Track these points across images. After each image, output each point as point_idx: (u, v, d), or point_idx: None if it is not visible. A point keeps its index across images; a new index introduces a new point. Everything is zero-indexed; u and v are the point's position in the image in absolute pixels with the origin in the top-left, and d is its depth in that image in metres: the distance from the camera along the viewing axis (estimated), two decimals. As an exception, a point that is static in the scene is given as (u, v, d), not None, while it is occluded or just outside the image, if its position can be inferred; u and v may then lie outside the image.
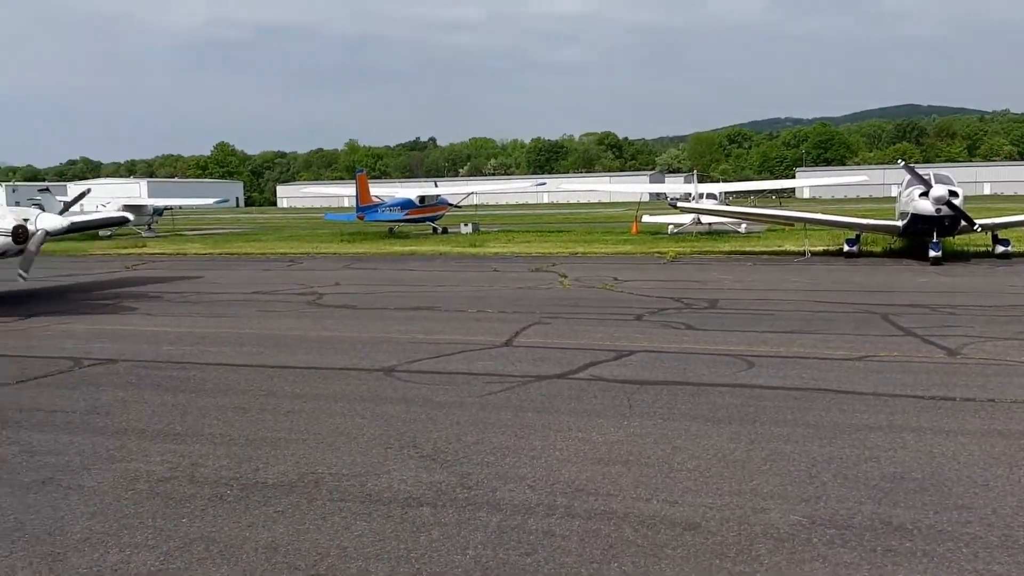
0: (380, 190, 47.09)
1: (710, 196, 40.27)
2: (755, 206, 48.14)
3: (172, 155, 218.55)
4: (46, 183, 74.57)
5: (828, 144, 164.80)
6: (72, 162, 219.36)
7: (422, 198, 43.31)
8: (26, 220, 16.32)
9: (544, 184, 72.70)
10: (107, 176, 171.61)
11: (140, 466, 6.89)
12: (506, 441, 7.32)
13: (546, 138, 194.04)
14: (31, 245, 16.41)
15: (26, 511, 5.94)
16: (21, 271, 16.88)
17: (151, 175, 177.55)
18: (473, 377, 9.89)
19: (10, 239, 15.18)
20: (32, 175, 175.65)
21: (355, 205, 42.19)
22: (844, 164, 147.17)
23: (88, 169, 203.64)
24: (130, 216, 23.19)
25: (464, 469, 6.62)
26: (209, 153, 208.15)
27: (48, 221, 16.62)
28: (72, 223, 20.78)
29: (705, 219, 34.50)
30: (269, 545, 5.29)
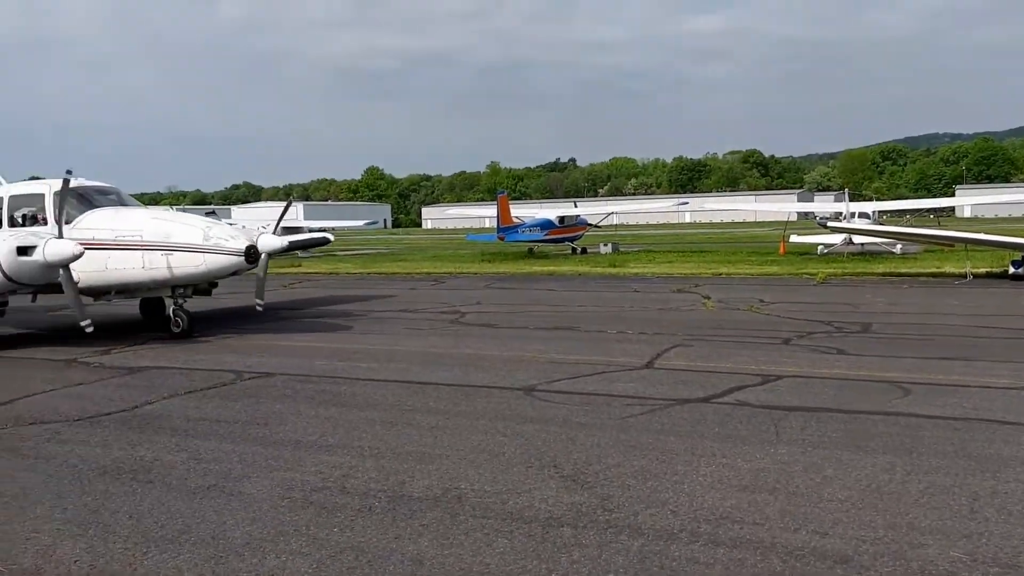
0: (520, 211, 47.78)
1: (862, 215, 38.76)
2: (911, 226, 45.84)
3: (326, 179, 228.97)
4: (212, 206, 79.49)
5: (991, 160, 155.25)
6: (236, 186, 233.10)
7: (562, 219, 43.63)
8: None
9: (686, 204, 71.77)
10: (267, 199, 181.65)
11: (295, 475, 7.23)
12: (648, 465, 7.25)
13: (688, 157, 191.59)
14: (259, 270, 16.62)
15: (192, 515, 6.33)
16: (258, 300, 17.28)
17: (307, 198, 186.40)
18: (613, 399, 9.85)
19: (243, 259, 14.96)
20: (200, 199, 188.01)
21: (496, 226, 42.92)
22: (1008, 181, 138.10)
23: (250, 193, 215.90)
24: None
25: (605, 491, 6.60)
26: (360, 177, 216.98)
27: (269, 242, 16.52)
28: (290, 242, 21.46)
29: (857, 239, 33.15)
30: (415, 558, 5.44)
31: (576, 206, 52.77)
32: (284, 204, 20.10)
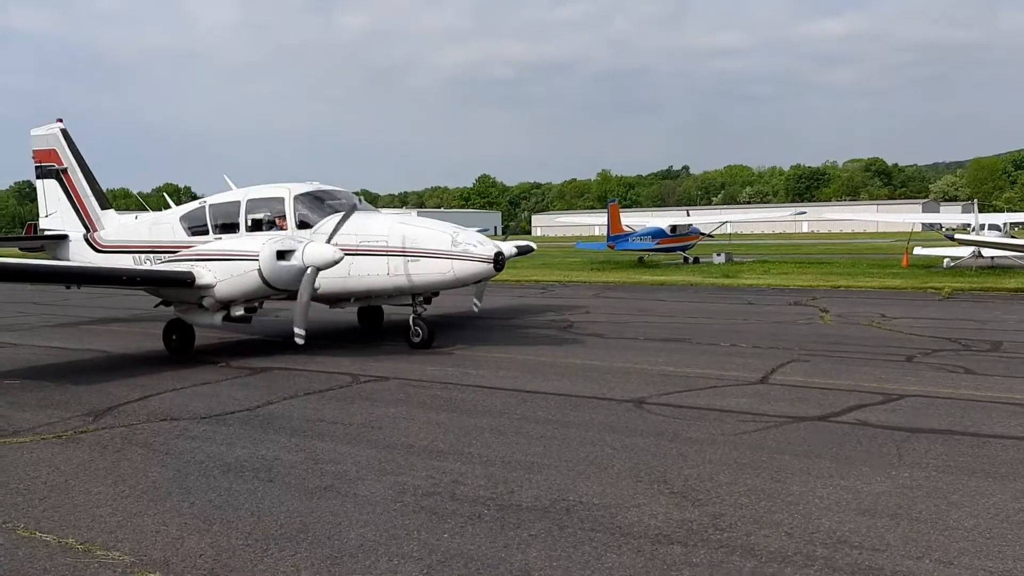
0: (631, 219, 47.39)
1: (992, 227, 36.85)
2: (1048, 238, 43.27)
3: (440, 187, 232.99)
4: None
5: None
6: (356, 193, 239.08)
7: (674, 227, 43.06)
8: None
9: (804, 213, 69.81)
10: (382, 206, 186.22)
11: (407, 479, 7.38)
12: (761, 483, 7.09)
13: (807, 165, 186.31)
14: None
15: (310, 515, 6.55)
16: (476, 301, 17.42)
17: (421, 206, 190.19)
18: (726, 414, 9.67)
19: (492, 266, 14.37)
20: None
21: (606, 234, 42.73)
22: None
23: (368, 200, 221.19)
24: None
25: (716, 509, 6.49)
26: (472, 185, 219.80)
27: (508, 248, 16.30)
28: (517, 247, 21.45)
29: (987, 252, 31.53)
30: (523, 568, 5.47)
31: (688, 214, 52.07)
32: (401, 210, 20.55)
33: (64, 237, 19.80)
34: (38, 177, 20.99)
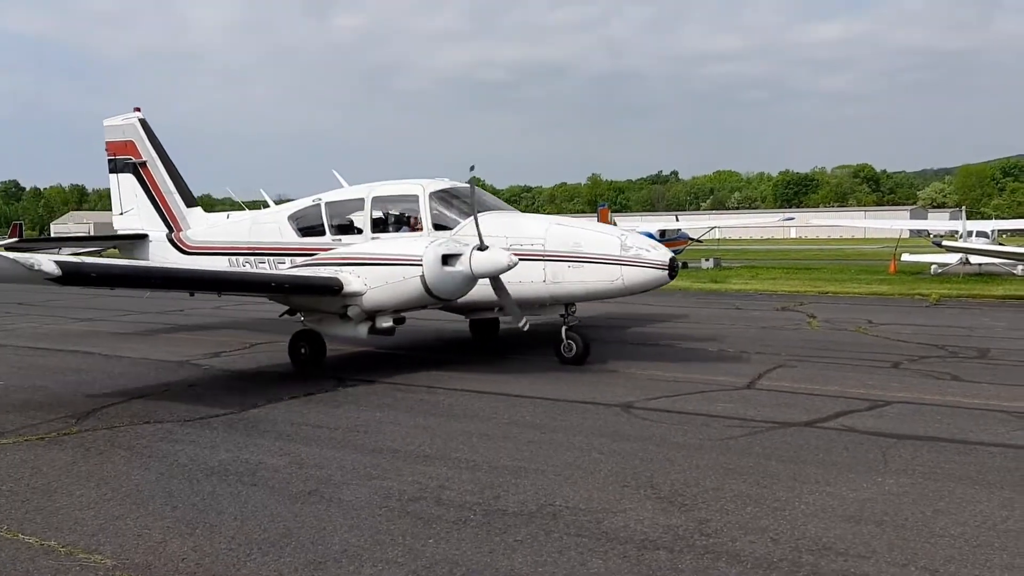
0: (621, 223, 47.41)
1: (980, 234, 37.03)
2: (1034, 246, 43.56)
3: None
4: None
5: None
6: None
7: (663, 232, 43.09)
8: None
9: (792, 219, 69.88)
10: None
11: (392, 484, 7.33)
12: (747, 489, 7.08)
13: (795, 170, 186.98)
14: None
15: (294, 519, 6.49)
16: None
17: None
18: (713, 419, 9.66)
19: (667, 273, 12.73)
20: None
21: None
22: None
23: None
24: None
25: (702, 515, 6.47)
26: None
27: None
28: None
29: (975, 259, 31.68)
30: (509, 574, 5.44)
31: (678, 219, 52.10)
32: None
33: (143, 237, 18.48)
34: (112, 171, 19.53)
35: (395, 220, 14.49)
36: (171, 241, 18.00)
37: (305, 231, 15.16)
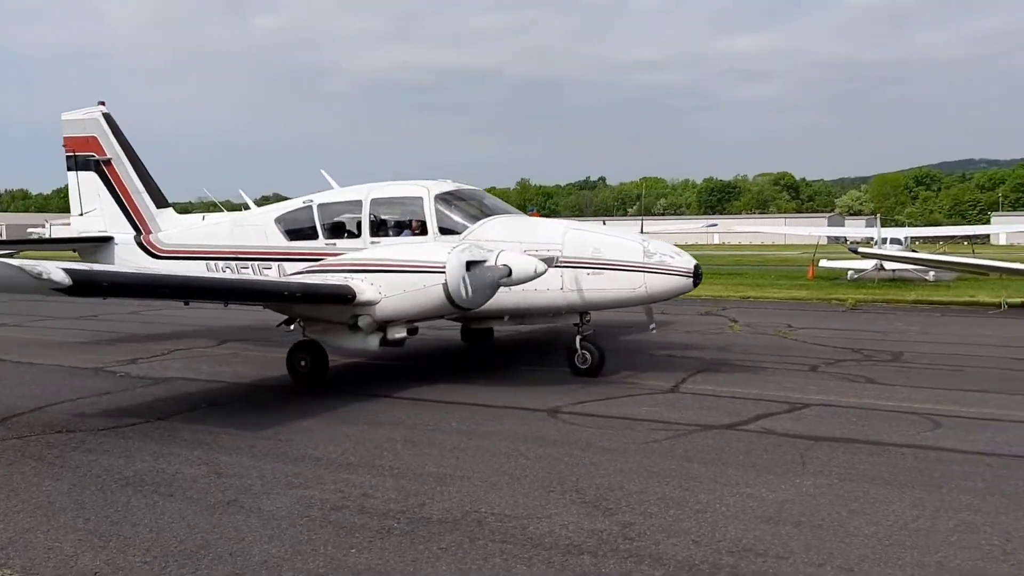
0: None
1: (894, 241, 38.29)
2: (944, 253, 45.25)
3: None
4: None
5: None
6: (266, 197, 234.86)
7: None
8: None
9: (715, 225, 71.27)
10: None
11: (315, 493, 7.21)
12: (670, 492, 7.16)
13: (718, 178, 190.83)
14: None
15: (211, 531, 6.33)
16: (653, 324, 14.10)
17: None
18: (637, 422, 9.75)
19: (691, 280, 12.24)
20: (232, 209, 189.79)
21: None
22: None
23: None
24: None
25: (627, 518, 6.52)
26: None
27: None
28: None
29: (889, 265, 32.74)
30: (432, 582, 5.39)
31: (605, 224, 52.57)
32: None
33: (107, 239, 17.24)
34: (71, 169, 18.14)
35: (395, 224, 13.66)
36: (140, 244, 16.79)
37: (294, 234, 14.27)
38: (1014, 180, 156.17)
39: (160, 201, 17.46)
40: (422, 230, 13.11)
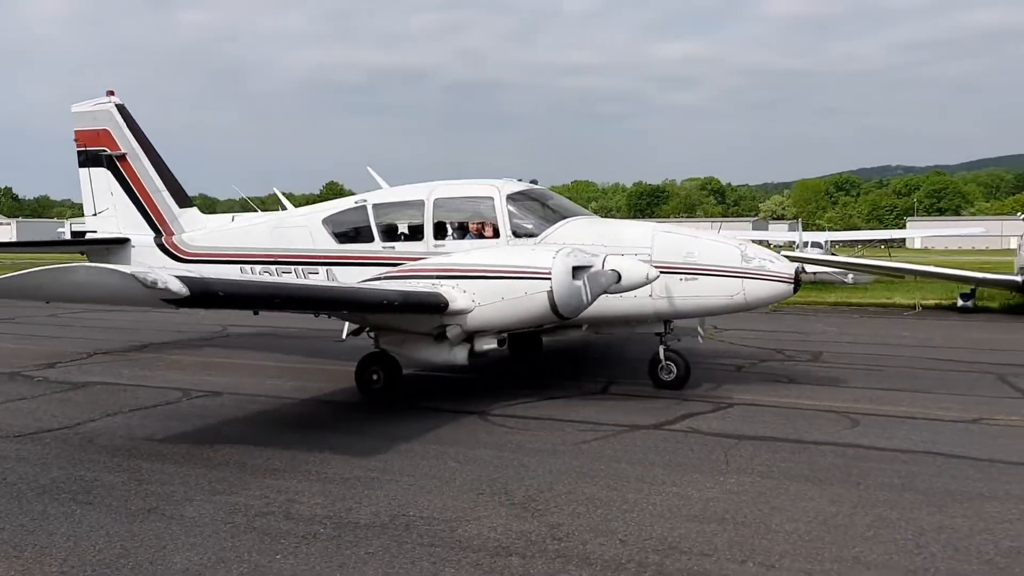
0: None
1: (815, 245, 39.33)
2: (863, 256, 46.68)
3: (285, 193, 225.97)
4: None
5: (942, 193, 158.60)
6: (192, 198, 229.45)
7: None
8: None
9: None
10: (222, 212, 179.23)
11: (239, 499, 7.08)
12: (598, 492, 7.23)
13: (647, 182, 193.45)
14: None
15: (131, 539, 6.16)
16: (701, 331, 13.35)
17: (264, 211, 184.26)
18: (567, 424, 9.82)
19: (791, 287, 11.51)
20: (205, 204, 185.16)
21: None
22: (959, 215, 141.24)
23: (205, 205, 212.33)
24: None
25: (555, 520, 6.56)
26: (319, 191, 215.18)
27: None
28: None
29: (809, 268, 33.62)
30: (359, 587, 5.34)
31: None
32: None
33: (123, 242, 15.97)
34: (82, 165, 16.74)
35: (460, 225, 12.75)
36: (161, 247, 15.56)
37: (345, 236, 13.22)
38: (928, 186, 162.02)
39: (183, 200, 16.20)
40: (492, 233, 12.23)
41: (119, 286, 7.67)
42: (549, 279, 10.19)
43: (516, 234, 12.06)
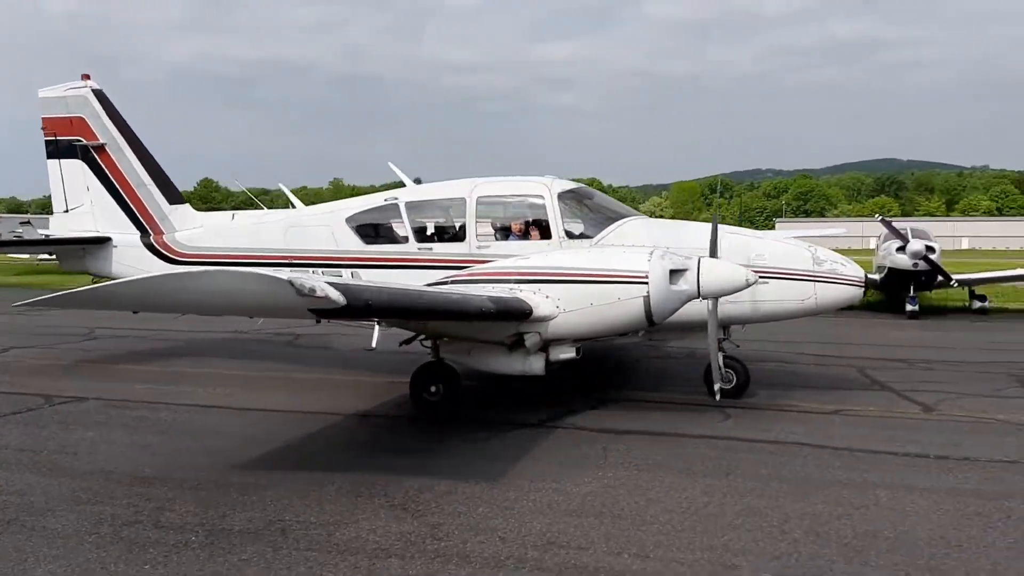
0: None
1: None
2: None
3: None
4: (28, 215, 74.04)
5: (808, 196, 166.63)
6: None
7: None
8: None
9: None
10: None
11: (105, 509, 6.77)
12: (479, 491, 7.25)
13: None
14: None
15: (-15, 554, 5.81)
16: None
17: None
18: (450, 422, 9.82)
19: (862, 291, 11.38)
20: (16, 207, 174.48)
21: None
22: (823, 216, 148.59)
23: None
24: None
25: (435, 519, 6.55)
26: (193, 188, 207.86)
27: None
28: None
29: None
30: (232, 595, 5.19)
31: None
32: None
33: (103, 241, 14.51)
34: (51, 156, 15.07)
35: (505, 226, 12.01)
36: (150, 247, 14.20)
37: (374, 237, 12.36)
38: (796, 189, 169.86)
39: (173, 196, 14.76)
40: (540, 234, 11.53)
41: (268, 293, 6.91)
42: (646, 283, 9.45)
43: (569, 235, 11.38)
